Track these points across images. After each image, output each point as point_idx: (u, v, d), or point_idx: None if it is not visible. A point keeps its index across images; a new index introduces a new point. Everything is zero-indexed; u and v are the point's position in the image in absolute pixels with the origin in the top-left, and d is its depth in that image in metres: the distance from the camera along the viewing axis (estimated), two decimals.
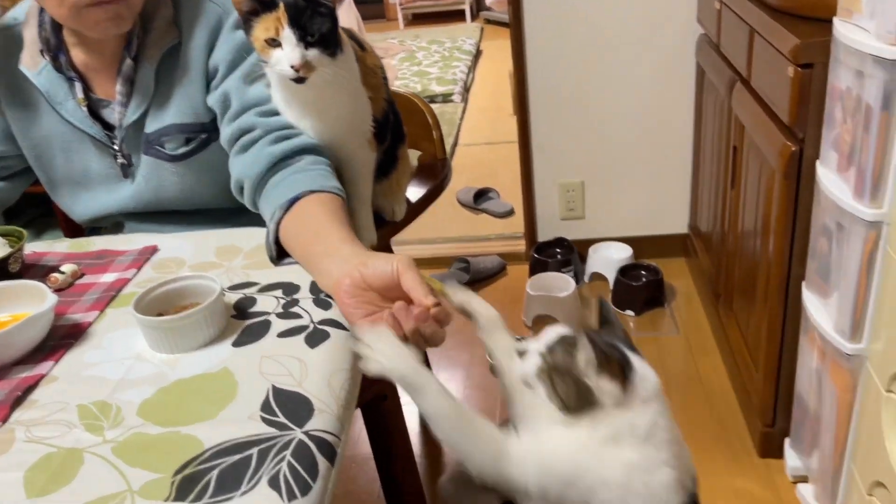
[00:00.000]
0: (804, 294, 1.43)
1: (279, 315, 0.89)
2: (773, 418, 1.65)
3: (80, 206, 1.22)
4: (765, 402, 1.64)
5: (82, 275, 1.03)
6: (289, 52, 0.95)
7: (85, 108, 1.13)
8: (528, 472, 0.76)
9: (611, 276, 2.35)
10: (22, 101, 1.15)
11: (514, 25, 2.27)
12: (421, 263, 2.71)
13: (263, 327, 0.86)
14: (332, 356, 0.81)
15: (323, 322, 0.87)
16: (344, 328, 0.86)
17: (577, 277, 2.39)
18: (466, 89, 4.53)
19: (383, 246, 1.29)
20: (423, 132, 1.56)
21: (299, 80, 0.99)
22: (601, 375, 0.73)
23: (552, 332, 0.78)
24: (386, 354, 0.76)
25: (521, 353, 0.79)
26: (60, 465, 0.69)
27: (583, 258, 2.46)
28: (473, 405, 1.95)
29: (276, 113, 1.07)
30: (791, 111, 1.37)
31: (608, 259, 2.38)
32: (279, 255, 0.99)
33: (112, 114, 1.14)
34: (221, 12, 1.10)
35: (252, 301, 0.92)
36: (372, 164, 1.16)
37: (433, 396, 0.77)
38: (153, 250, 1.08)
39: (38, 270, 1.05)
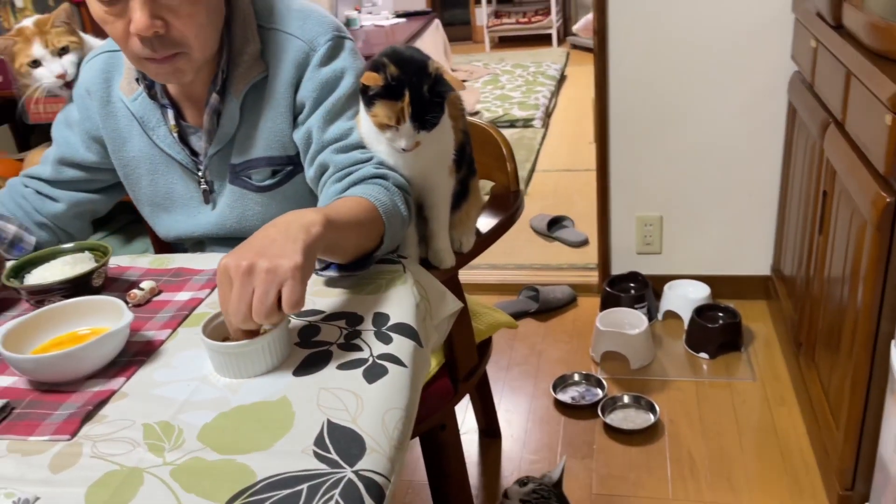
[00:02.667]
0: (893, 352, 1.35)
1: (340, 346, 0.89)
2: (852, 481, 1.56)
3: (162, 225, 1.27)
4: (844, 462, 1.55)
5: (160, 292, 1.07)
6: (404, 140, 1.03)
7: (175, 135, 1.18)
8: None
9: (686, 316, 2.28)
10: (117, 123, 1.21)
11: (599, 53, 2.24)
12: (489, 289, 2.72)
13: (324, 358, 0.87)
14: (388, 393, 0.81)
15: (382, 357, 0.87)
16: (403, 364, 0.87)
17: (651, 314, 2.33)
18: (548, 114, 4.52)
19: (450, 277, 1.29)
20: (497, 163, 1.56)
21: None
22: None
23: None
24: None
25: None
26: (122, 483, 0.71)
27: (657, 294, 2.40)
28: (534, 440, 1.92)
29: (352, 148, 1.10)
30: (887, 161, 1.30)
31: (684, 297, 2.31)
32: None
33: (199, 141, 1.19)
34: (308, 49, 1.13)
35: (316, 330, 0.93)
36: (451, 191, 1.18)
37: None
38: None
39: (120, 284, 1.09)
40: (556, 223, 3.00)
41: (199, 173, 1.20)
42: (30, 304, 1.02)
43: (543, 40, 6.39)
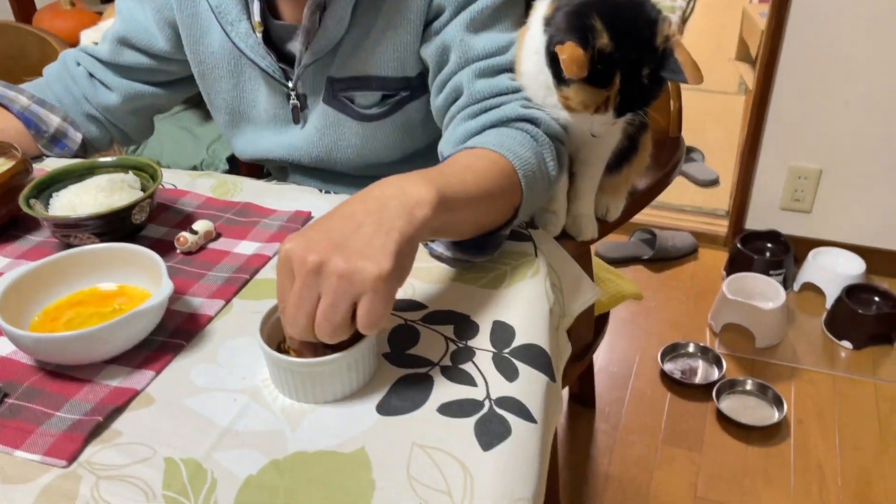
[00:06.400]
0: None
1: (445, 371, 0.64)
2: None
3: (241, 140, 1.02)
4: None
5: (217, 236, 0.83)
6: (596, 126, 0.76)
7: (259, 35, 0.90)
8: None
9: (830, 292, 1.93)
10: (196, 8, 0.94)
11: None
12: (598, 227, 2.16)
13: (422, 387, 0.62)
14: (511, 471, 0.56)
15: (503, 403, 0.61)
16: (531, 419, 0.60)
17: (786, 283, 1.99)
18: (683, 20, 3.98)
19: (583, 252, 1.01)
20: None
21: None
22: None
23: None
24: None
25: None
26: None
27: (797, 261, 2.04)
28: (633, 417, 1.67)
29: (499, 71, 0.81)
30: None
31: (831, 270, 1.95)
32: None
33: (294, 44, 0.91)
34: None
35: (413, 335, 0.68)
36: (612, 147, 0.89)
37: None
38: (305, 218, 0.86)
39: (169, 218, 0.86)
40: None
41: (290, 86, 0.93)
42: (54, 235, 0.79)
43: None
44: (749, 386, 1.70)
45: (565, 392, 1.71)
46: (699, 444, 1.59)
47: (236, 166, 2.02)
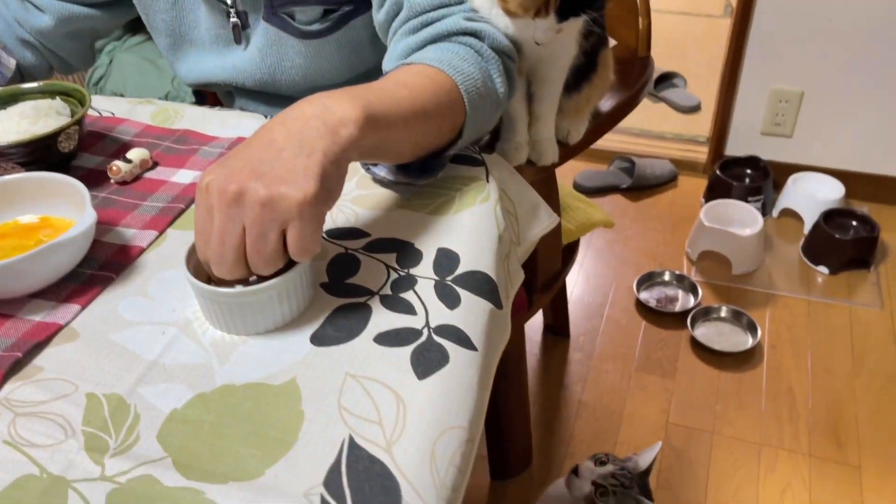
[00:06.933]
0: None
1: (385, 300, 0.61)
2: None
3: (183, 64, 0.96)
4: None
5: (154, 165, 0.79)
6: (539, 33, 0.73)
7: None
8: None
9: (808, 218, 1.91)
10: None
11: None
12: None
13: (360, 317, 0.60)
14: (446, 400, 0.54)
15: (443, 331, 0.59)
16: (472, 346, 0.58)
17: (764, 209, 1.96)
18: None
19: (547, 177, 0.98)
20: (624, 14, 1.18)
21: None
22: None
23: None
24: None
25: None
26: (37, 502, 0.47)
27: (777, 186, 2.01)
28: (608, 346, 1.67)
29: None
30: None
31: (811, 196, 1.92)
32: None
33: None
34: None
35: (354, 263, 0.65)
36: (568, 64, 0.84)
37: None
38: None
39: (104, 147, 0.82)
40: (663, 80, 2.56)
41: (229, 2, 0.87)
42: None
43: None
44: (724, 313, 1.69)
45: (539, 321, 1.70)
46: (672, 372, 1.59)
47: (203, 98, 1.96)
